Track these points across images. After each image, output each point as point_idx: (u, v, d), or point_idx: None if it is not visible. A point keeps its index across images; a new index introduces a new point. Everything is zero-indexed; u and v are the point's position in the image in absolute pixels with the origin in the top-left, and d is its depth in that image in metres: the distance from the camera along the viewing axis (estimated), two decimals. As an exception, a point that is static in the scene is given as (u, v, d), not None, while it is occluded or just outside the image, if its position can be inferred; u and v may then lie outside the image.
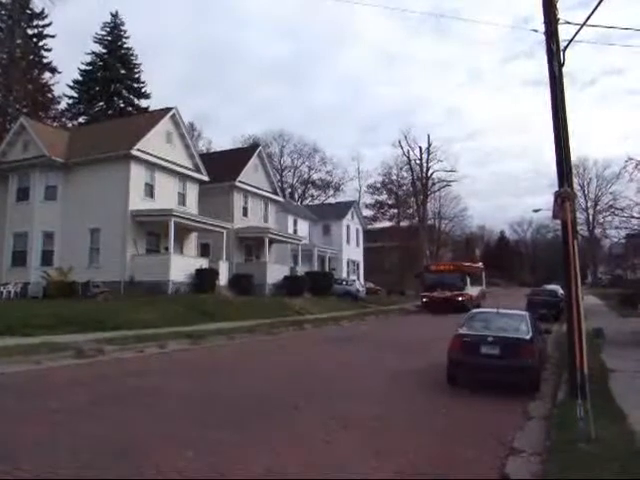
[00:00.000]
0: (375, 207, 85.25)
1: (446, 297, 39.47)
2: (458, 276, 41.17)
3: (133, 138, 30.69)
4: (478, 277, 48.19)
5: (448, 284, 40.22)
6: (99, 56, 55.40)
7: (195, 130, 65.12)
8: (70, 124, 51.08)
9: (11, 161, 32.54)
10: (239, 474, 5.84)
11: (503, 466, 6.37)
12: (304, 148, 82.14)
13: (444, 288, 40.05)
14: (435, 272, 43.33)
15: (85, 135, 35.71)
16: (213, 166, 36.59)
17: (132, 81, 56.10)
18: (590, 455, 6.26)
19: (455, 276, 41.11)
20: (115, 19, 56.47)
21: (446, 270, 43.21)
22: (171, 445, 6.77)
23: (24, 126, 32.78)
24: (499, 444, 7.27)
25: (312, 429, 7.79)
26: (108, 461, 6.11)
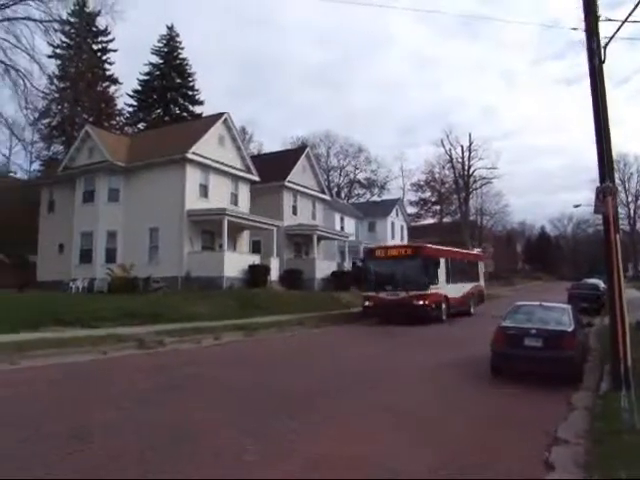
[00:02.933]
0: (419, 204, 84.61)
1: (398, 300, 24.07)
2: (419, 266, 24.57)
3: (188, 142, 31.12)
4: (466, 269, 31.50)
5: (403, 279, 24.80)
6: (156, 66, 56.34)
7: (246, 134, 65.65)
8: (130, 130, 52.12)
9: (78, 166, 33.46)
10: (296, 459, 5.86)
11: (548, 455, 6.22)
12: (349, 149, 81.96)
13: (396, 285, 24.72)
14: (382, 259, 26.13)
15: (144, 140, 36.41)
16: (263, 167, 36.82)
17: (187, 89, 56.85)
18: (634, 445, 6.07)
19: (414, 266, 24.66)
20: (171, 31, 57.31)
21: (400, 256, 25.72)
22: (229, 430, 6.85)
23: (89, 134, 33.62)
24: (543, 433, 7.10)
25: (360, 419, 7.78)
26: (169, 444, 6.23)
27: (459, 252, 32.88)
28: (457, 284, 28.20)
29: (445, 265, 26.93)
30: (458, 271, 29.13)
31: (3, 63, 29.65)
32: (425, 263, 24.60)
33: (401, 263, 25.08)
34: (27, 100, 30.24)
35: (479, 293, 32.71)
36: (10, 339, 12.97)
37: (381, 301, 24.51)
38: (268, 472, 5.38)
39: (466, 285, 30.01)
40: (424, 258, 24.85)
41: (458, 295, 27.92)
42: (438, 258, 25.97)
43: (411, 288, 23.95)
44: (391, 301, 24.16)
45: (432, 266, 24.87)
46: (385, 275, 25.46)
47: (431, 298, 24.20)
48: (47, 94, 35.54)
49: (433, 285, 24.63)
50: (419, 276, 24.33)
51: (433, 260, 25.24)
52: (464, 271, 30.61)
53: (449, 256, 28.55)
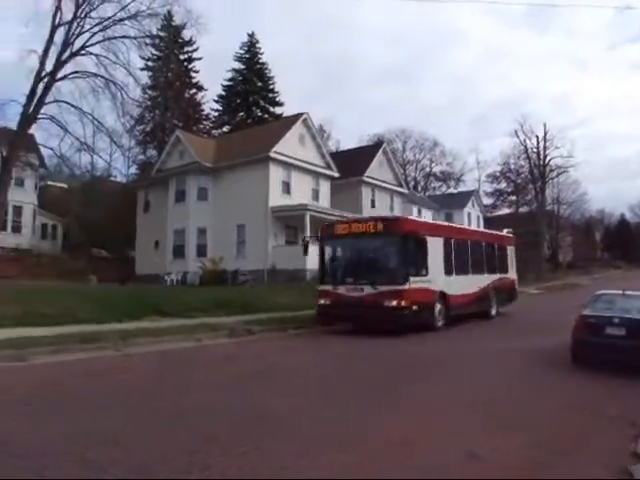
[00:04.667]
0: (494, 195, 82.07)
1: (361, 298, 15.62)
2: (395, 248, 15.85)
3: (271, 142, 31.61)
4: (483, 256, 21.05)
5: (369, 267, 16.45)
6: (239, 72, 57.46)
7: (325, 132, 65.72)
8: (216, 133, 53.44)
9: (170, 168, 34.79)
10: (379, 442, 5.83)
11: (635, 446, 5.79)
12: (425, 143, 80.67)
13: (360, 276, 16.13)
14: (345, 238, 16.95)
15: (229, 142, 37.28)
16: (342, 163, 36.86)
17: (267, 92, 57.65)
18: None
19: (387, 248, 16.19)
20: (251, 38, 58.28)
21: (368, 234, 16.33)
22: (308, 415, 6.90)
23: (179, 138, 34.84)
24: (628, 424, 6.63)
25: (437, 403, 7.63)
26: (253, 425, 6.31)
27: (467, 230, 23.77)
28: (465, 276, 18.62)
29: (442, 248, 17.48)
30: (467, 258, 19.24)
31: (104, 78, 31.19)
32: (403, 244, 15.34)
33: (369, 244, 16.13)
34: (124, 110, 31.69)
35: (507, 288, 22.27)
36: (115, 328, 13.59)
37: (339, 299, 15.71)
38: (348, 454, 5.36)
39: (482, 277, 20.02)
40: (402, 237, 15.37)
41: (467, 291, 18.39)
42: (425, 237, 16.32)
43: (380, 281, 15.18)
44: (352, 299, 15.38)
45: (415, 249, 15.68)
46: (347, 261, 17.00)
47: (412, 296, 15.10)
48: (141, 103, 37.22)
49: (418, 277, 15.57)
50: (393, 263, 15.50)
51: (417, 240, 15.76)
52: (479, 258, 20.32)
53: (449, 235, 18.37)
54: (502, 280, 21.90)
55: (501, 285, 21.67)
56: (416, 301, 15.29)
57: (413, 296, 15.17)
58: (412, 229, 16.10)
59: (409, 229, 15.92)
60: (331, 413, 6.90)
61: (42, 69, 30.73)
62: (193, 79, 54.55)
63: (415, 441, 5.80)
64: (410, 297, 15.07)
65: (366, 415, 6.89)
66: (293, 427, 6.29)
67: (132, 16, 31.69)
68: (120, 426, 6.10)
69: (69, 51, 31.51)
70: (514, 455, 5.46)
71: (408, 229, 15.86)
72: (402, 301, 14.90)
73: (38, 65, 30.41)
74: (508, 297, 22.49)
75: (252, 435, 5.90)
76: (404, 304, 14.90)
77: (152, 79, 47.72)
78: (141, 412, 6.81)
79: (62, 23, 31.11)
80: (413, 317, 15.25)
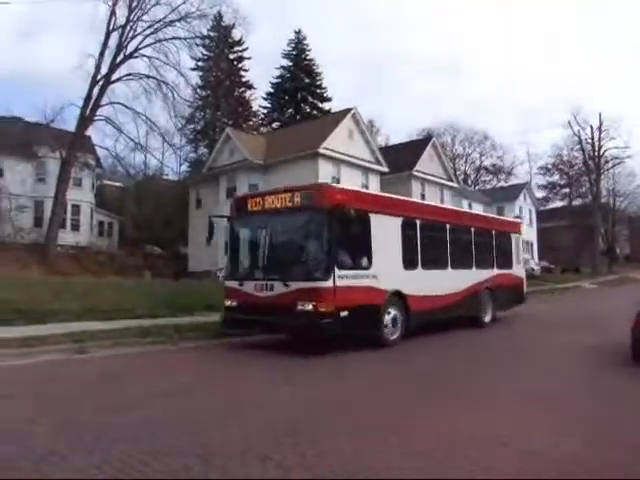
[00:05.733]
0: (547, 188, 79.89)
1: (271, 300, 10.69)
2: (313, 230, 10.82)
3: (320, 138, 31.52)
4: (471, 246, 15.49)
5: (281, 256, 11.59)
6: (286, 69, 57.64)
7: (374, 126, 65.33)
8: (265, 130, 53.80)
9: (221, 166, 35.17)
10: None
11: None
12: (474, 136, 79.28)
13: (269, 269, 11.38)
14: (258, 216, 11.90)
15: (279, 139, 37.37)
16: (392, 158, 36.50)
17: (315, 88, 57.65)
18: None
19: (304, 230, 11.12)
20: (298, 35, 58.36)
21: (283, 210, 11.25)
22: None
23: (229, 136, 35.19)
24: None
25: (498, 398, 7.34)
26: (327, 417, 6.03)
27: (445, 211, 16.80)
28: (438, 271, 13.83)
29: (399, 232, 12.58)
30: (444, 247, 14.21)
31: (156, 79, 32.01)
32: (327, 223, 10.48)
33: (284, 224, 11.50)
34: (175, 109, 32.52)
35: (509, 288, 16.96)
36: (170, 322, 13.75)
37: (246, 300, 11.24)
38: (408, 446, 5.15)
39: (469, 274, 15.06)
40: (325, 212, 10.50)
41: (442, 291, 13.55)
42: (367, 214, 11.43)
43: (294, 275, 10.66)
44: (261, 301, 10.91)
45: (346, 230, 10.54)
46: (257, 248, 12.09)
47: (338, 297, 10.37)
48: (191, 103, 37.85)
49: (351, 269, 10.88)
50: (311, 250, 10.88)
51: (350, 217, 10.52)
52: (464, 248, 15.06)
53: (412, 215, 13.18)
54: (502, 277, 16.51)
55: (500, 284, 16.30)
56: (346, 304, 10.38)
57: (340, 297, 10.25)
58: (342, 202, 10.51)
59: (337, 202, 10.45)
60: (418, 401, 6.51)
61: (97, 73, 31.70)
62: (243, 78, 55.11)
63: None
64: (334, 298, 10.16)
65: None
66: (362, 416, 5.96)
67: (182, 18, 32.40)
68: (188, 414, 6.04)
69: (122, 54, 32.41)
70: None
71: (335, 202, 10.44)
72: (320, 303, 10.02)
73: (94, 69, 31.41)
74: (511, 299, 17.20)
75: (318, 424, 5.67)
76: (323, 308, 10.03)
77: (202, 79, 48.44)
78: (190, 404, 6.74)
79: (116, 28, 32.01)
80: (342, 327, 10.37)
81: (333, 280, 10.31)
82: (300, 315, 10.31)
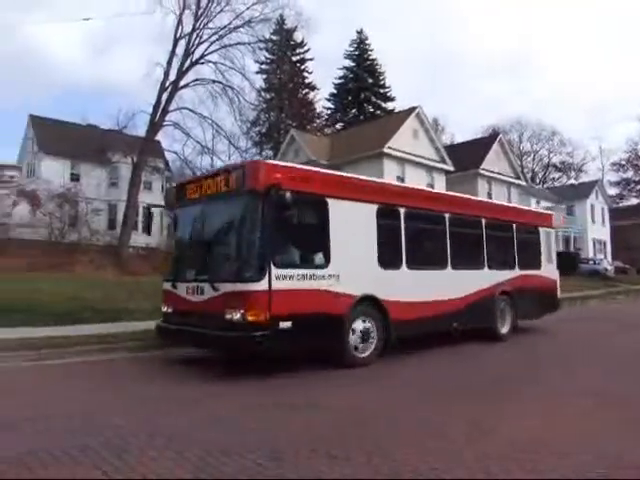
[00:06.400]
0: (621, 185, 76.73)
1: (201, 305, 8.40)
2: (247, 219, 8.27)
3: (384, 138, 31.36)
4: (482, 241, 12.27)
5: (211, 253, 9.06)
6: (349, 69, 57.67)
7: (438, 125, 64.46)
8: (329, 131, 53.94)
9: (284, 168, 35.54)
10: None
11: None
12: (542, 133, 76.77)
13: (200, 268, 8.98)
14: (194, 204, 9.39)
15: (343, 139, 37.42)
16: (457, 156, 35.92)
17: (378, 87, 57.41)
18: None
19: (236, 219, 8.60)
20: (360, 35, 58.28)
21: (216, 195, 8.79)
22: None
23: (294, 137, 35.55)
24: None
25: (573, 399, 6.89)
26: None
27: (443, 197, 13.43)
28: (433, 271, 11.05)
29: (374, 222, 9.79)
30: (441, 242, 11.39)
31: (221, 84, 32.66)
32: (257, 210, 8.09)
33: (217, 212, 9.18)
34: (240, 113, 33.05)
35: (536, 292, 13.73)
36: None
37: (179, 305, 9.21)
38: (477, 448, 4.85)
39: (478, 275, 12.18)
40: (257, 196, 8.08)
41: (434, 297, 10.70)
42: (324, 198, 8.96)
43: (223, 275, 8.50)
44: (192, 307, 8.80)
45: (287, 218, 8.12)
46: (191, 243, 9.97)
47: (275, 303, 7.90)
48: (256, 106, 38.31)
49: (296, 267, 8.40)
50: (240, 245, 8.62)
51: (289, 202, 7.99)
52: (470, 244, 12.32)
53: (392, 201, 10.34)
54: (526, 279, 13.46)
55: (523, 287, 13.24)
56: (289, 312, 8.07)
57: (279, 303, 7.93)
58: (282, 182, 8.04)
59: (274, 182, 8.00)
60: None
61: (166, 80, 32.59)
62: (306, 79, 55.55)
63: None
64: (269, 305, 7.84)
65: None
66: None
67: (246, 23, 32.92)
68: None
69: (189, 61, 33.22)
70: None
71: (271, 182, 8.01)
72: (250, 311, 7.80)
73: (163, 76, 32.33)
74: (539, 305, 13.97)
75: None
76: (253, 317, 7.78)
77: (266, 82, 49.10)
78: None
79: (183, 36, 32.85)
80: (284, 341, 8.02)
81: (268, 281, 7.85)
82: (229, 326, 7.92)
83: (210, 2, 32.65)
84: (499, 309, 12.58)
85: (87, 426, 5.44)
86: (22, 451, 4.57)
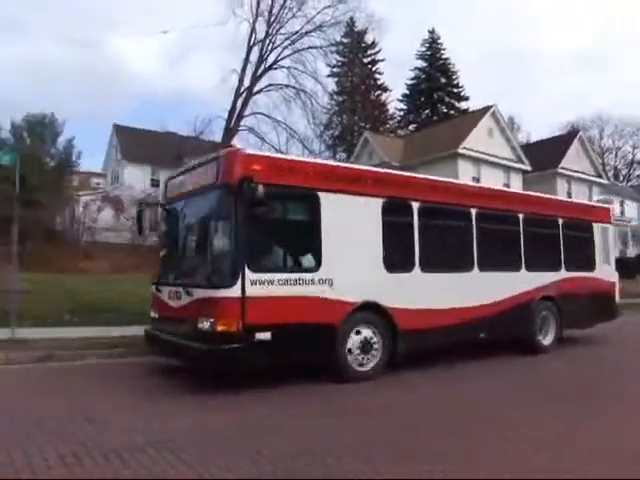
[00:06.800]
0: None
1: (179, 312, 7.74)
2: (221, 213, 7.49)
3: (458, 138, 31.04)
4: (552, 238, 11.52)
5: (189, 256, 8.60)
6: (422, 70, 57.16)
7: (514, 123, 62.84)
8: (402, 132, 53.69)
9: (359, 170, 35.70)
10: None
11: None
12: (625, 128, 73.30)
13: (179, 272, 8.39)
14: (177, 201, 8.73)
15: (416, 140, 37.27)
16: (534, 155, 35.04)
17: (452, 87, 56.62)
18: None
19: (213, 218, 7.71)
20: (432, 35, 57.62)
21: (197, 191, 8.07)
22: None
23: (367, 139, 35.72)
24: None
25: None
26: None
27: (466, 189, 11.28)
28: (453, 274, 9.65)
29: (377, 219, 8.62)
30: (466, 242, 9.99)
31: (294, 88, 33.32)
32: (231, 206, 7.18)
33: (196, 209, 8.36)
34: (314, 116, 33.65)
35: (590, 297, 11.88)
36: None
37: (162, 311, 8.49)
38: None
39: (512, 278, 10.61)
40: (231, 190, 7.18)
41: (454, 304, 9.34)
42: (311, 192, 7.89)
43: (196, 280, 7.78)
44: (172, 313, 8.07)
45: (265, 214, 7.17)
46: (174, 243, 9.10)
47: (248, 312, 6.97)
48: (329, 109, 38.73)
49: (282, 272, 7.48)
50: (213, 245, 7.72)
51: (268, 196, 7.04)
52: (505, 243, 10.93)
53: (401, 194, 9.09)
54: (575, 283, 11.78)
55: (571, 292, 11.55)
56: (269, 322, 7.19)
57: (256, 311, 7.06)
58: (259, 174, 7.21)
59: (250, 174, 7.14)
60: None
61: (241, 86, 33.59)
62: (377, 81, 55.44)
63: None
64: (242, 313, 6.98)
65: None
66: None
67: (317, 27, 33.46)
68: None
69: (263, 67, 34.09)
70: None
71: (247, 174, 7.15)
72: (220, 320, 6.98)
73: (237, 83, 33.32)
74: (593, 312, 12.12)
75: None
76: (223, 327, 6.95)
77: (338, 85, 49.37)
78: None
79: (256, 43, 33.76)
80: (263, 355, 7.15)
81: (241, 287, 7.00)
82: (200, 336, 7.17)
83: (282, 9, 33.43)
84: (539, 317, 11.08)
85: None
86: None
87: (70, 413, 6.03)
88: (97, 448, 4.71)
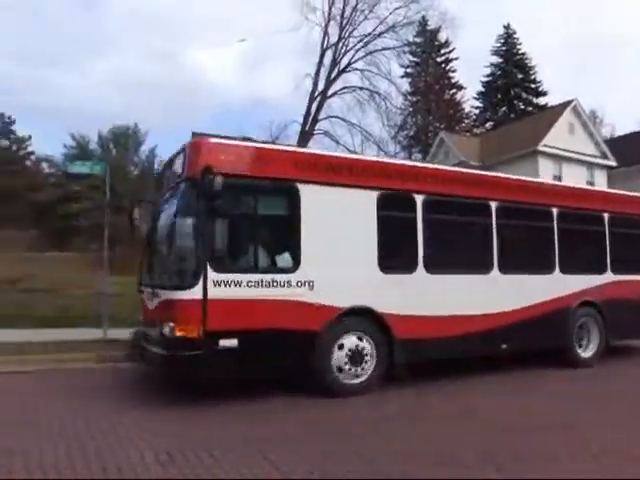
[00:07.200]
0: None
1: (153, 313, 7.24)
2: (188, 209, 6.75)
3: (538, 135, 30.27)
4: (592, 235, 10.48)
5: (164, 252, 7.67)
6: (497, 66, 55.97)
7: (596, 117, 60.43)
8: (478, 131, 52.76)
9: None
10: None
11: None
12: None
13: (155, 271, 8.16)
14: (162, 192, 8.54)
15: (493, 139, 36.53)
16: (620, 150, 33.46)
17: (529, 82, 55.09)
18: None
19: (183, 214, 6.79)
20: (507, 30, 56.26)
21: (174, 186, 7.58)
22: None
23: (443, 139, 35.42)
24: None
25: None
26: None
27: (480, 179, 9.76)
28: (467, 276, 8.64)
29: (372, 214, 7.82)
30: (484, 239, 9.00)
31: (368, 90, 33.48)
32: (194, 200, 6.71)
33: (168, 205, 7.85)
34: (388, 118, 33.72)
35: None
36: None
37: (144, 312, 8.02)
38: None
39: (543, 281, 9.49)
40: (195, 183, 6.69)
41: (468, 310, 8.37)
42: (290, 184, 7.21)
43: (163, 280, 7.40)
44: (148, 314, 7.68)
45: (232, 209, 6.88)
46: (150, 243, 8.61)
47: (209, 316, 6.44)
48: (403, 110, 38.62)
49: (252, 273, 6.79)
50: (177, 243, 6.73)
51: (218, 187, 6.43)
52: (535, 241, 9.96)
53: (402, 186, 8.20)
54: (623, 287, 10.45)
55: (617, 297, 10.26)
56: (235, 327, 6.61)
57: (219, 316, 6.49)
58: (224, 165, 6.70)
59: (214, 165, 6.59)
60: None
61: (315, 90, 34.04)
62: (452, 79, 54.84)
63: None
64: (203, 317, 6.42)
65: None
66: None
67: (390, 28, 33.47)
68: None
69: (337, 70, 34.42)
70: None
71: (211, 165, 6.58)
72: (179, 325, 6.46)
73: (311, 87, 33.80)
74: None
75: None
76: (182, 332, 6.42)
77: (412, 85, 49.16)
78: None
79: (329, 46, 34.14)
80: (228, 364, 6.57)
81: (203, 288, 6.42)
82: (164, 341, 6.67)
83: (354, 11, 33.63)
84: (577, 325, 9.82)
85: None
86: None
87: (155, 407, 6.55)
88: (188, 446, 4.95)
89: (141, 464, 4.49)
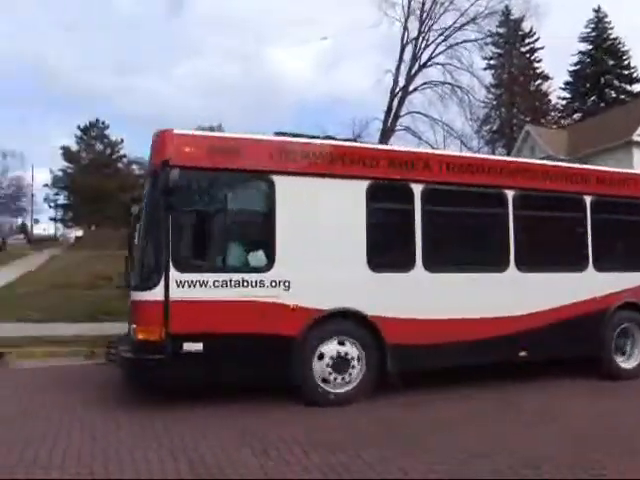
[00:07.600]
0: None
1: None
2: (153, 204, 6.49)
3: (632, 124, 28.77)
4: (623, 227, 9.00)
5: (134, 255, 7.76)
6: (585, 54, 53.63)
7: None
8: (566, 123, 50.84)
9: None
10: None
11: None
12: None
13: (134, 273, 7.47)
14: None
15: (582, 130, 35.16)
16: None
17: (622, 69, 52.42)
18: None
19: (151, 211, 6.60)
20: (598, 14, 53.72)
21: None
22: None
23: (529, 132, 34.42)
24: None
25: None
26: None
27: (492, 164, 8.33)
28: (476, 275, 7.57)
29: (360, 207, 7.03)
30: (498, 233, 7.90)
31: (450, 84, 32.92)
32: (157, 194, 6.39)
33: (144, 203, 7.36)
34: (471, 112, 32.97)
35: None
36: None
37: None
38: None
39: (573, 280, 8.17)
40: (158, 176, 6.35)
41: (476, 313, 7.33)
42: (264, 175, 6.69)
43: (134, 282, 7.04)
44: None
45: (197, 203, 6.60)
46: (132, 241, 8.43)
47: (172, 318, 6.07)
48: (486, 103, 37.83)
49: (219, 272, 6.33)
50: (142, 242, 7.07)
51: (176, 180, 6.08)
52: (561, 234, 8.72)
53: (398, 175, 7.29)
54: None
55: None
56: (200, 331, 6.18)
57: (182, 318, 6.12)
58: (188, 157, 6.31)
59: (172, 155, 6.24)
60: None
61: (395, 86, 33.77)
62: (537, 70, 53.07)
63: None
64: (163, 320, 6.07)
65: None
66: None
67: (471, 20, 32.65)
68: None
69: (417, 65, 34.00)
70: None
71: (169, 155, 6.25)
72: (139, 327, 6.28)
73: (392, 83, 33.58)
74: None
75: None
76: (142, 335, 6.22)
77: (495, 77, 48.01)
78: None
79: (409, 41, 33.75)
80: (193, 369, 6.27)
81: (164, 289, 6.07)
82: (130, 344, 6.57)
83: (434, 4, 33.00)
84: (615, 330, 8.44)
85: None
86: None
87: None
88: (260, 441, 5.12)
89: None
